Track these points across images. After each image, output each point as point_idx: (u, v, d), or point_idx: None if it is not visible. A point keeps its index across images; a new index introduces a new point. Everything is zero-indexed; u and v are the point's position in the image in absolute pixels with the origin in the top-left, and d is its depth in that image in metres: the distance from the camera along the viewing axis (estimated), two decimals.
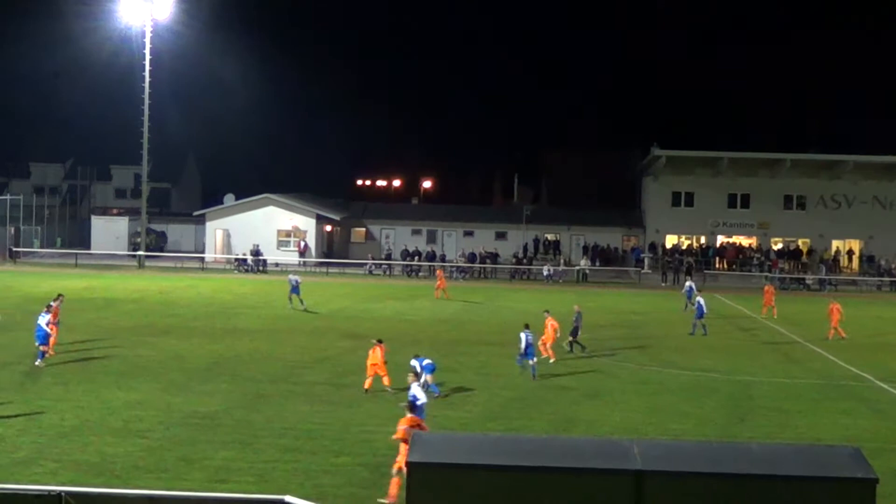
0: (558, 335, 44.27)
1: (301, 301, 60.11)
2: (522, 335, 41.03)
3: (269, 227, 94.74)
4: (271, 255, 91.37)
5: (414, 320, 48.05)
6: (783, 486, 17.42)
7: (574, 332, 47.32)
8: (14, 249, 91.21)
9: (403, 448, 23.12)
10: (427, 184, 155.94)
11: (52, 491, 19.43)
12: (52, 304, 43.06)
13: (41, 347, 39.68)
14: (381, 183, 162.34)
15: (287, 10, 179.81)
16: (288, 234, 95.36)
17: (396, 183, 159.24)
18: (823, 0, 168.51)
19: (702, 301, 54.85)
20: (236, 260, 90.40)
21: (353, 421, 30.97)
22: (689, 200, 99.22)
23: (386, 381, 35.48)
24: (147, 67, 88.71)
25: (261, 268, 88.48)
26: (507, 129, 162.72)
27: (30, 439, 28.15)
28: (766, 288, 66.59)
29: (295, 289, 60.73)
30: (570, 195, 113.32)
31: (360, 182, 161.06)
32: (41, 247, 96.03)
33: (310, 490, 24.48)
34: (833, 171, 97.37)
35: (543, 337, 43.73)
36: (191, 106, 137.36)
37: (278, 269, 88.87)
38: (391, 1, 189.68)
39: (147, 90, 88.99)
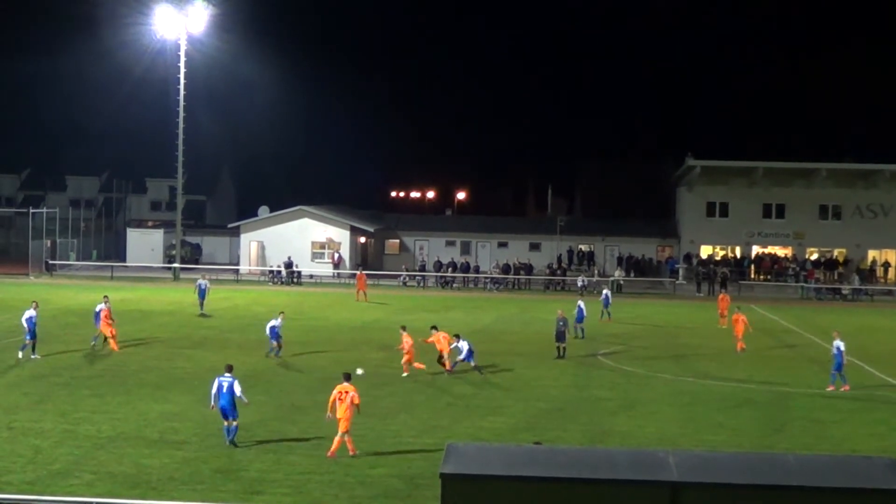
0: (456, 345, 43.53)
1: (201, 305, 62.16)
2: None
3: (304, 239, 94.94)
4: (306, 267, 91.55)
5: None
6: (820, 498, 17.29)
7: (559, 337, 47.35)
8: (50, 262, 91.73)
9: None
10: (461, 195, 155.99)
11: (89, 502, 19.56)
12: (101, 307, 45.52)
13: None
14: (414, 194, 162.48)
15: (320, 22, 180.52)
16: (322, 246, 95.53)
17: (430, 194, 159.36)
18: (858, 8, 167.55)
19: (582, 305, 55.90)
20: (270, 272, 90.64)
21: (387, 432, 30.98)
22: (724, 211, 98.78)
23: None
24: (182, 80, 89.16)
25: (295, 280, 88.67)
26: (541, 140, 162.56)
27: (66, 451, 28.29)
28: (721, 297, 66.29)
29: (202, 293, 62.45)
30: (603, 206, 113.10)
31: (393, 194, 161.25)
32: (77, 259, 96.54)
33: (345, 502, 24.52)
34: (869, 181, 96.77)
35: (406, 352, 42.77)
36: (225, 118, 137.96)
37: (313, 280, 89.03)
38: (425, 13, 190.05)
39: (182, 103, 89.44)
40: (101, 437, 30.00)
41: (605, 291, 66.70)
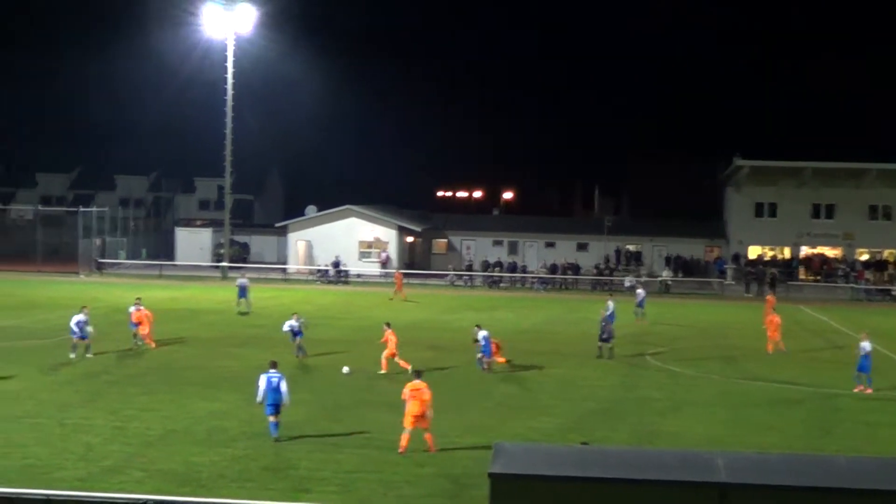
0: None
1: (248, 304, 62.47)
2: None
3: (351, 238, 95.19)
4: (353, 266, 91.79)
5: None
6: (869, 500, 17.17)
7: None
8: (100, 261, 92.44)
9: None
10: (508, 195, 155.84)
11: (140, 500, 19.73)
12: (132, 309, 46.67)
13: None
14: (462, 194, 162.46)
15: (368, 21, 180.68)
16: (369, 246, 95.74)
17: (477, 194, 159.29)
18: None
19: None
20: (318, 271, 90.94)
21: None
22: (773, 211, 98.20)
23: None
24: (230, 80, 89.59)
25: (342, 279, 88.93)
26: (589, 140, 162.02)
27: (117, 448, 28.52)
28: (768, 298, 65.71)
29: (243, 291, 62.80)
30: (651, 206, 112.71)
31: (441, 193, 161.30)
32: (126, 258, 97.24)
33: (393, 500, 24.58)
34: None
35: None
36: (273, 118, 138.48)
37: (360, 280, 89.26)
38: (472, 12, 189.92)
39: (230, 103, 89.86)
40: (150, 434, 30.23)
41: (639, 291, 66.17)
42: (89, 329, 43.38)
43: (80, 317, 43.28)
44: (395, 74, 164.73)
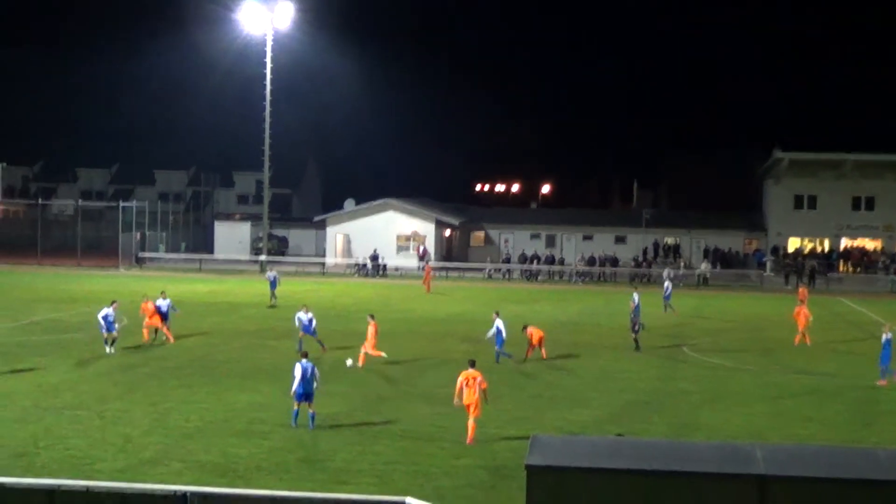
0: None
1: (274, 296, 62.73)
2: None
3: (389, 231, 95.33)
4: (391, 259, 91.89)
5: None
6: None
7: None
8: (140, 255, 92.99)
9: None
10: (546, 188, 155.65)
11: (179, 491, 19.73)
12: (160, 302, 46.53)
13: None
14: (499, 187, 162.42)
15: (406, 15, 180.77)
16: (407, 239, 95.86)
17: (515, 187, 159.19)
18: None
19: (636, 297, 52.56)
20: (356, 264, 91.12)
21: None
22: (812, 203, 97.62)
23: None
24: (268, 75, 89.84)
25: (380, 272, 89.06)
26: (626, 132, 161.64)
27: (156, 440, 28.66)
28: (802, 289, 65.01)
29: (273, 284, 63.10)
30: (690, 198, 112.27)
31: (478, 187, 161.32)
32: (166, 252, 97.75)
33: (430, 492, 24.56)
34: None
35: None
36: (311, 112, 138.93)
37: (398, 273, 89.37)
38: (507, 6, 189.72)
39: (268, 97, 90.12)
40: (189, 426, 30.36)
41: (666, 283, 65.71)
42: (116, 325, 43.45)
43: (107, 311, 43.29)
44: (433, 67, 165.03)
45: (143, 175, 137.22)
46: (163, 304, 46.62)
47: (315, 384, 30.28)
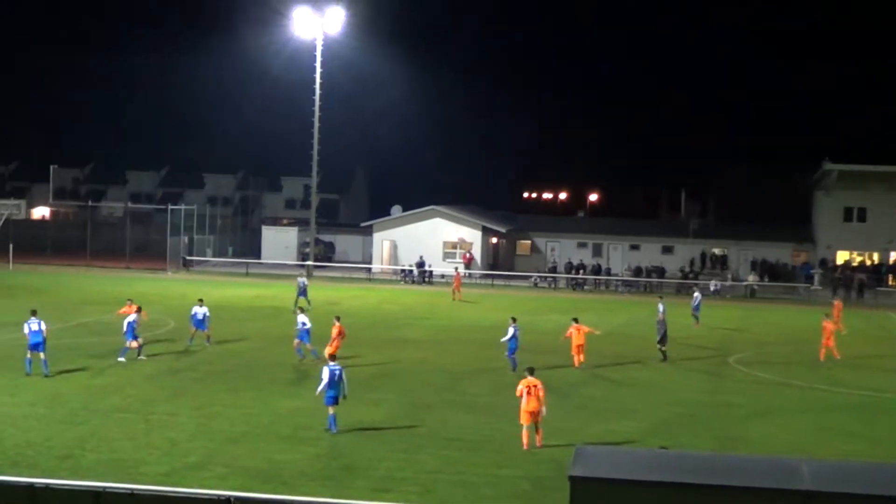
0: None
1: (308, 302, 61.85)
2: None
3: (435, 238, 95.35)
4: (437, 266, 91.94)
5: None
6: None
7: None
8: (187, 258, 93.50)
9: None
10: (593, 197, 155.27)
11: (222, 496, 19.86)
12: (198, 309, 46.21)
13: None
14: (546, 196, 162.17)
15: (454, 22, 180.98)
16: (454, 246, 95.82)
17: (562, 196, 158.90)
18: None
19: (661, 308, 51.28)
20: (402, 271, 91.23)
21: (515, 433, 30.85)
22: (862, 216, 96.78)
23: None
24: (317, 80, 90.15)
25: (426, 279, 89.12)
26: (675, 141, 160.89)
27: (200, 444, 28.80)
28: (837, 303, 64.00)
29: (303, 291, 62.76)
30: (738, 209, 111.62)
31: (525, 195, 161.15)
32: (214, 256, 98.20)
33: (472, 502, 24.56)
34: None
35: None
36: (360, 118, 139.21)
37: (444, 280, 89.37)
38: (558, 14, 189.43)
39: (317, 102, 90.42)
40: (234, 431, 30.49)
41: (695, 294, 65.05)
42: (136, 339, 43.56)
43: (133, 316, 43.10)
44: (480, 75, 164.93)
45: (192, 178, 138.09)
46: (199, 311, 46.65)
47: (343, 387, 30.63)
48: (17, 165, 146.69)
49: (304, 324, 44.25)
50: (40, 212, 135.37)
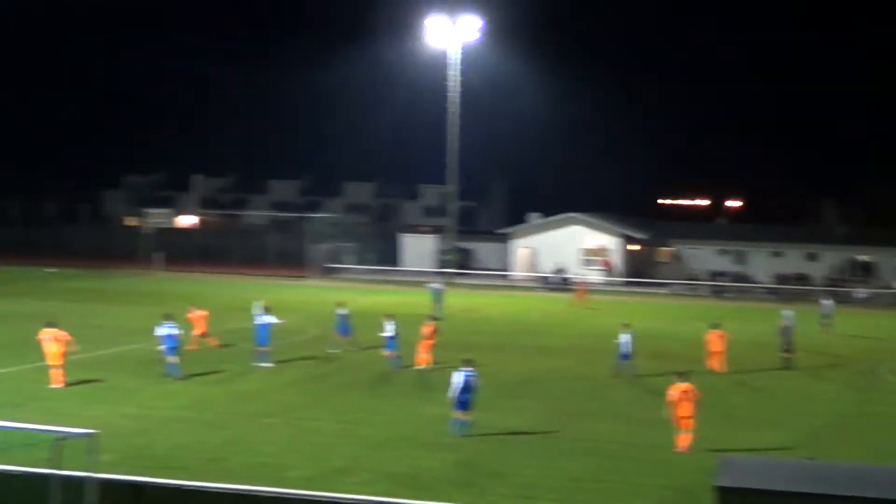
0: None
1: (441, 309, 61.87)
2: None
3: (574, 245, 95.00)
4: (576, 274, 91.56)
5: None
6: None
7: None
8: (328, 265, 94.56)
9: None
10: (733, 203, 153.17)
11: (367, 501, 20.05)
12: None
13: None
14: (686, 202, 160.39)
15: (589, 29, 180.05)
16: (592, 253, 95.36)
17: (702, 202, 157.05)
18: None
19: (788, 315, 49.29)
20: (541, 278, 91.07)
21: (660, 441, 30.55)
22: None
23: None
24: (454, 88, 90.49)
25: (565, 286, 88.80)
26: (820, 146, 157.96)
27: (344, 449, 29.05)
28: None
29: (437, 298, 62.92)
30: (886, 215, 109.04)
31: (664, 201, 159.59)
32: (354, 263, 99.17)
33: None
34: None
35: None
36: (497, 125, 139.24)
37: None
38: (697, 17, 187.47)
39: (454, 110, 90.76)
40: (377, 436, 30.69)
41: (825, 302, 63.47)
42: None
43: (269, 318, 43.51)
44: (617, 80, 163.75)
45: (332, 187, 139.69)
46: (342, 313, 47.18)
47: (473, 393, 30.78)
48: (164, 176, 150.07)
49: (389, 331, 44.28)
50: (187, 221, 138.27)
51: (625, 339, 43.05)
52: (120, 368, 40.42)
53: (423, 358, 43.17)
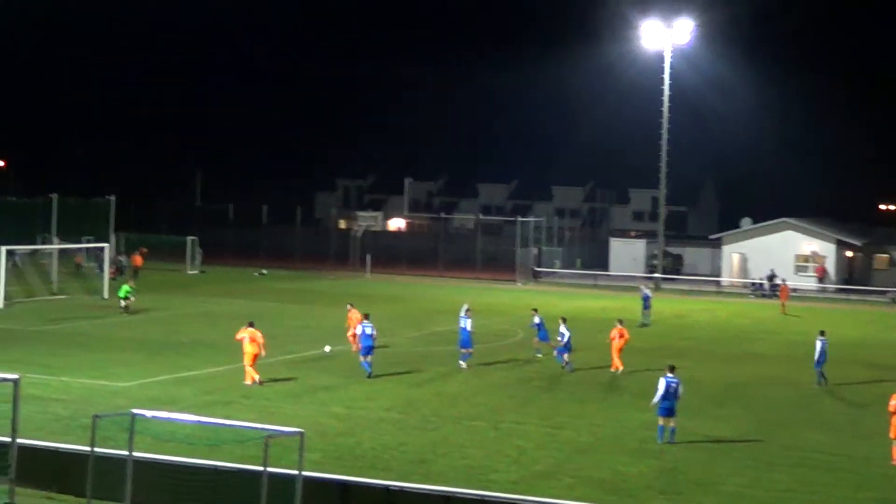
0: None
1: (647, 315, 60.53)
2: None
3: (786, 251, 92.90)
4: (788, 280, 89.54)
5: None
6: None
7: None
8: (536, 269, 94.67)
9: None
10: None
11: None
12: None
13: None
14: None
15: (805, 30, 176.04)
16: (805, 260, 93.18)
17: None
18: None
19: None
20: (752, 284, 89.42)
21: (874, 454, 29.64)
22: None
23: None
24: (666, 92, 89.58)
25: (777, 293, 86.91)
26: None
27: (548, 454, 29.02)
28: None
29: (646, 303, 61.21)
30: None
31: (882, 207, 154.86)
32: (561, 267, 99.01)
33: None
34: None
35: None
36: (709, 129, 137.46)
37: (795, 294, 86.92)
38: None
39: (666, 114, 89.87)
40: (580, 441, 30.58)
41: None
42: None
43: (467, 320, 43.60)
44: (833, 83, 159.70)
45: (540, 191, 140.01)
46: (537, 320, 46.40)
47: (677, 399, 30.44)
48: (374, 179, 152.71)
49: (563, 335, 43.71)
50: (396, 223, 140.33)
51: (819, 345, 41.72)
52: (327, 368, 41.19)
53: (616, 362, 42.83)
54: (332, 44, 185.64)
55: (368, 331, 39.94)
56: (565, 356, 43.21)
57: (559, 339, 43.39)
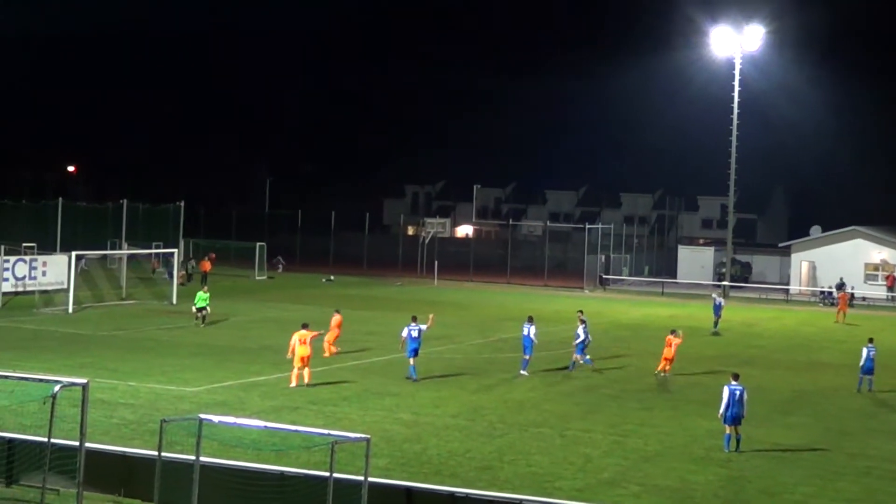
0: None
1: (715, 323, 60.61)
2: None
3: (856, 260, 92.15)
4: (858, 289, 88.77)
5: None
6: None
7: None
8: (604, 276, 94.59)
9: None
10: None
11: None
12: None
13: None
14: None
15: (879, 39, 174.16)
16: (875, 268, 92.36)
17: None
18: None
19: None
20: (821, 292, 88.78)
21: None
22: None
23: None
24: (735, 98, 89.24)
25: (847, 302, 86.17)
26: None
27: (614, 461, 29.12)
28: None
29: (717, 311, 61.04)
30: None
31: None
32: (629, 274, 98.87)
33: None
34: None
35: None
36: (779, 136, 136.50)
37: (865, 303, 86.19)
38: None
39: (735, 121, 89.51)
40: (647, 449, 30.64)
41: None
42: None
43: (530, 327, 43.44)
44: None
45: (609, 198, 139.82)
46: (581, 329, 45.66)
47: (743, 407, 30.39)
48: (443, 185, 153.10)
49: (579, 336, 43.63)
50: (464, 230, 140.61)
51: (866, 352, 41.64)
52: (394, 374, 41.40)
53: (662, 366, 43.17)
54: (402, 52, 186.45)
55: (415, 333, 40.06)
56: (577, 356, 43.84)
57: (575, 340, 43.99)
